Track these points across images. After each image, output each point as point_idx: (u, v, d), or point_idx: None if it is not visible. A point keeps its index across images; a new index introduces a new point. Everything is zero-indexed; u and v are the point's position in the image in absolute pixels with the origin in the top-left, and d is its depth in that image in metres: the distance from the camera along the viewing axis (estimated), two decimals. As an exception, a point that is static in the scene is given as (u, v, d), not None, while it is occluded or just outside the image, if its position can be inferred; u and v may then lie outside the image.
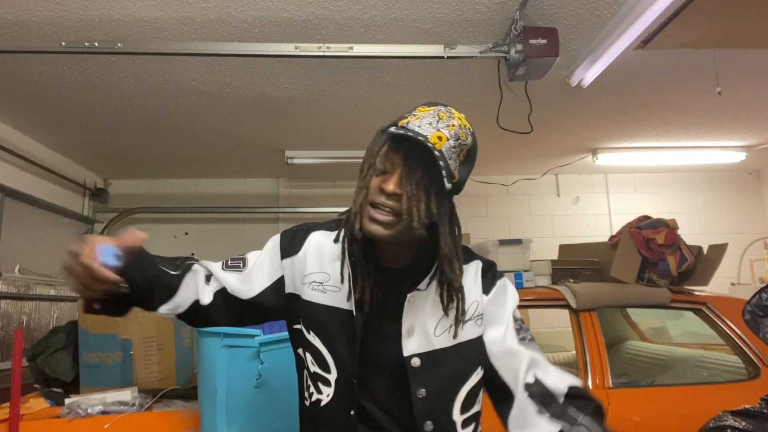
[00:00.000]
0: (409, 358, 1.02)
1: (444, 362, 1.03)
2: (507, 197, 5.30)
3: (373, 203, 1.00)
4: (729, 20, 2.43)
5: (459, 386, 1.04)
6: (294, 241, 1.15)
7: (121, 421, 2.05)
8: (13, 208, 3.66)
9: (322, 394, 1.06)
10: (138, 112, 3.43)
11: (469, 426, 1.05)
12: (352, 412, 1.02)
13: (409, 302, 1.05)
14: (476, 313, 1.08)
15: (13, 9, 2.28)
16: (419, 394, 1.01)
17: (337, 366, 1.04)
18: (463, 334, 1.05)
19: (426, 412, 1.01)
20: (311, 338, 1.08)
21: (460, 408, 1.03)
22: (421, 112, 1.02)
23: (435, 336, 1.04)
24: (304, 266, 1.11)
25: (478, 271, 1.12)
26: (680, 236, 2.66)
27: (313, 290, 1.09)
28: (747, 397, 2.09)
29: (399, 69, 2.91)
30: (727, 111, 3.71)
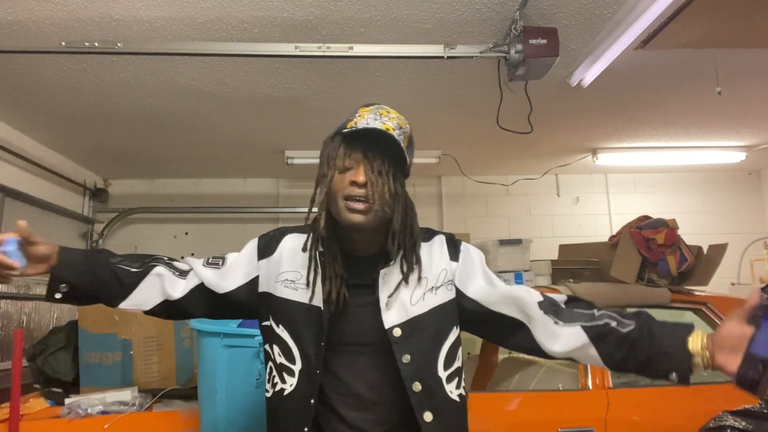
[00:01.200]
0: (391, 329, 1.12)
1: (423, 327, 1.13)
2: (507, 197, 5.30)
3: (346, 197, 1.11)
4: (729, 20, 2.43)
5: (439, 346, 1.14)
6: (270, 243, 1.26)
7: (121, 421, 2.05)
8: (13, 208, 3.66)
9: (285, 384, 1.14)
10: (138, 112, 3.43)
11: (453, 380, 1.14)
12: (312, 401, 1.10)
13: (383, 278, 1.15)
14: (446, 279, 1.19)
15: (13, 9, 2.28)
16: (404, 359, 1.10)
17: (302, 358, 1.13)
18: (436, 299, 1.16)
19: (413, 374, 1.10)
20: (280, 331, 1.16)
21: (443, 365, 1.13)
22: (363, 112, 1.15)
23: (411, 305, 1.14)
24: (278, 266, 1.21)
25: (442, 243, 1.25)
26: (680, 236, 2.66)
27: (285, 287, 1.18)
28: (747, 397, 2.09)
29: (399, 69, 2.91)
30: (727, 111, 3.71)
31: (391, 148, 1.12)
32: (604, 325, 1.12)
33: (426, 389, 1.10)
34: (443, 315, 1.16)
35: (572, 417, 2.14)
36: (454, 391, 1.14)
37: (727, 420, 1.94)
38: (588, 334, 1.12)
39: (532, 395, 2.35)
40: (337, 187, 1.12)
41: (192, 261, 1.27)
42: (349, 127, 1.12)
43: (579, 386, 2.25)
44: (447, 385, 1.13)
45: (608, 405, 2.16)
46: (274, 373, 1.17)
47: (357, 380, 1.13)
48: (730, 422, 1.92)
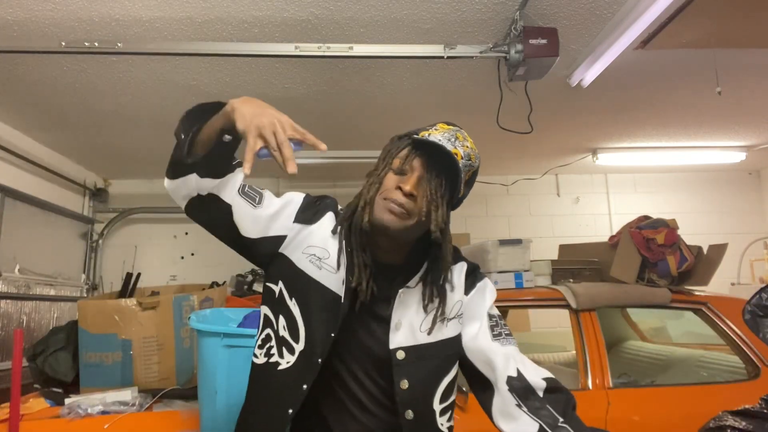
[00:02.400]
0: (395, 350, 1.08)
1: (427, 356, 1.09)
2: (507, 197, 5.30)
3: (386, 198, 1.06)
4: (729, 20, 2.43)
5: (440, 379, 1.11)
6: (311, 211, 1.17)
7: (121, 421, 2.05)
8: (13, 208, 3.66)
9: (282, 359, 1.09)
10: (138, 112, 3.43)
11: (446, 414, 1.12)
12: (305, 386, 1.06)
13: (400, 298, 1.11)
14: (459, 312, 1.15)
15: (13, 9, 2.28)
16: (402, 385, 1.07)
17: (307, 340, 1.08)
18: (446, 332, 1.12)
19: (408, 402, 1.07)
20: (291, 305, 1.11)
21: (440, 398, 1.10)
22: (441, 128, 1.10)
23: (420, 332, 1.10)
24: (309, 238, 1.14)
25: (462, 272, 1.19)
26: (680, 236, 2.66)
27: (309, 262, 1.12)
28: (747, 397, 2.09)
29: (399, 69, 2.91)
30: (727, 111, 3.71)
31: (450, 175, 1.07)
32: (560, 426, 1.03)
33: (418, 419, 1.07)
34: (449, 349, 1.13)
35: (572, 417, 2.13)
36: (444, 424, 1.12)
37: (727, 420, 1.94)
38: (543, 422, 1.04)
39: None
40: (383, 185, 1.08)
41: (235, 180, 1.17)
42: (421, 135, 1.08)
43: (579, 386, 2.25)
44: (439, 417, 1.10)
45: (608, 405, 2.16)
46: (272, 343, 1.11)
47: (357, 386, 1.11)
48: (730, 422, 1.92)
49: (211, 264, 4.91)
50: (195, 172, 1.16)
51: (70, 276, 4.46)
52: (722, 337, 2.43)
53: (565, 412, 1.05)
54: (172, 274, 4.94)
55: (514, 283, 2.58)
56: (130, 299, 2.47)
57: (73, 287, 4.42)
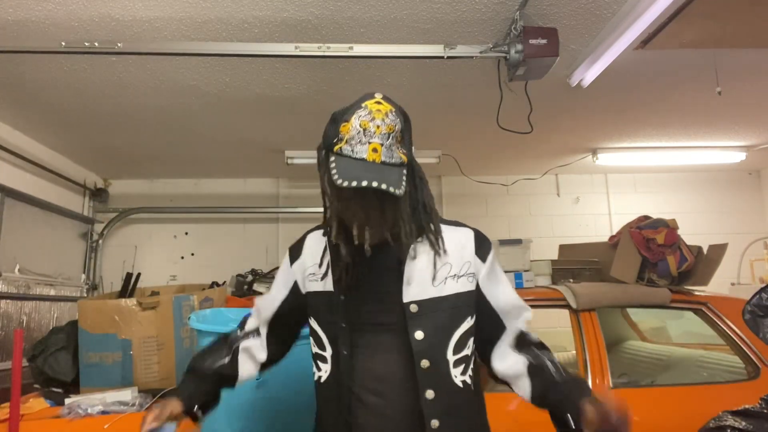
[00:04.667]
0: (408, 304, 1.15)
1: (439, 309, 1.16)
2: (507, 197, 5.30)
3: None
4: (729, 20, 2.43)
5: (452, 330, 1.17)
6: (297, 248, 1.33)
7: (121, 421, 2.05)
8: (13, 208, 3.66)
9: (321, 371, 1.21)
10: (138, 112, 3.43)
11: (459, 365, 1.17)
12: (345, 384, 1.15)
13: (410, 255, 1.18)
14: (469, 271, 1.21)
15: (13, 9, 2.28)
16: (417, 335, 1.14)
17: (330, 343, 1.19)
18: (456, 286, 1.19)
19: (423, 351, 1.13)
20: (312, 323, 1.24)
21: (453, 349, 1.16)
22: (345, 133, 1.11)
23: (432, 286, 1.17)
24: (304, 265, 1.28)
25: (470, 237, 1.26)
26: (680, 236, 2.66)
27: (310, 282, 1.26)
28: (747, 397, 2.09)
29: (399, 69, 2.91)
30: (727, 111, 3.71)
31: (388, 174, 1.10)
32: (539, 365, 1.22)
33: (433, 368, 1.13)
34: (460, 302, 1.19)
35: (572, 417, 2.13)
36: (458, 376, 1.16)
37: (727, 420, 1.94)
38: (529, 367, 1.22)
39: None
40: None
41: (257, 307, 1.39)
42: (336, 150, 1.10)
43: (579, 386, 2.25)
44: (453, 369, 1.15)
45: (608, 405, 2.15)
46: (313, 363, 1.25)
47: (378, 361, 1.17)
48: (730, 422, 1.93)
49: (211, 264, 4.92)
50: None
51: (70, 276, 4.46)
52: (722, 337, 2.43)
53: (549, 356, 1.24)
54: (172, 274, 4.94)
55: (514, 283, 2.58)
56: (130, 299, 2.48)
57: (73, 287, 4.42)
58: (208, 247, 5.05)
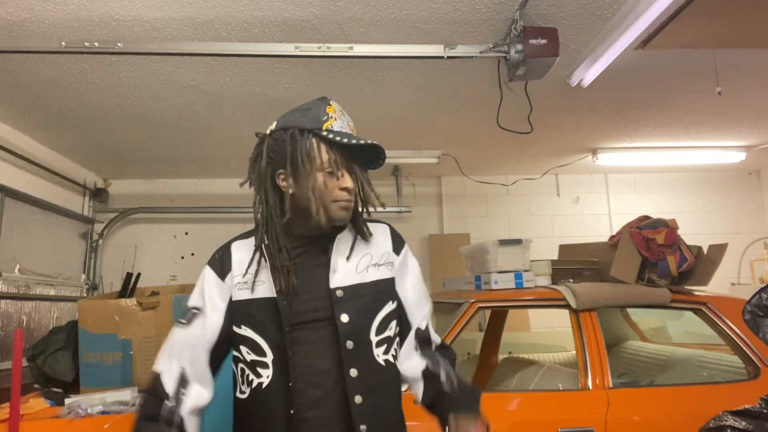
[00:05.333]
0: (335, 289, 1.22)
1: (362, 294, 1.24)
2: (507, 197, 5.30)
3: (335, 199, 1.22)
4: (729, 20, 2.43)
5: (375, 313, 1.25)
6: (222, 261, 1.33)
7: (121, 421, 2.05)
8: (13, 208, 3.66)
9: (262, 377, 1.20)
10: (138, 112, 3.43)
11: (382, 345, 1.25)
12: (290, 384, 1.17)
13: (336, 244, 1.27)
14: (387, 260, 1.32)
15: (13, 9, 2.28)
16: (343, 318, 1.20)
17: (271, 348, 1.20)
18: (377, 273, 1.29)
19: (347, 333, 1.20)
20: (243, 332, 1.23)
21: (375, 331, 1.24)
22: (332, 113, 1.25)
23: (356, 273, 1.26)
24: (234, 275, 1.29)
25: (386, 231, 1.38)
26: (680, 236, 2.66)
27: (239, 290, 1.26)
28: (747, 397, 2.09)
29: (399, 69, 2.91)
30: (727, 111, 3.71)
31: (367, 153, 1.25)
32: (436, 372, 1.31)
33: (356, 348, 1.20)
34: (381, 288, 1.28)
35: (572, 417, 2.14)
36: (381, 355, 1.24)
37: (727, 420, 1.95)
38: (424, 371, 1.32)
39: (532, 395, 2.35)
40: (324, 189, 1.22)
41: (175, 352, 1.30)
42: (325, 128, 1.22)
43: (579, 386, 2.25)
44: (375, 348, 1.23)
45: (608, 405, 2.16)
46: (247, 372, 1.22)
47: (316, 354, 1.20)
48: (730, 422, 1.93)
49: (211, 264, 4.91)
50: None
51: (70, 276, 4.46)
52: (722, 337, 2.43)
53: (449, 361, 1.34)
54: (172, 274, 4.94)
55: (514, 283, 2.58)
56: (130, 299, 2.47)
57: (73, 287, 4.42)
58: (208, 247, 5.02)
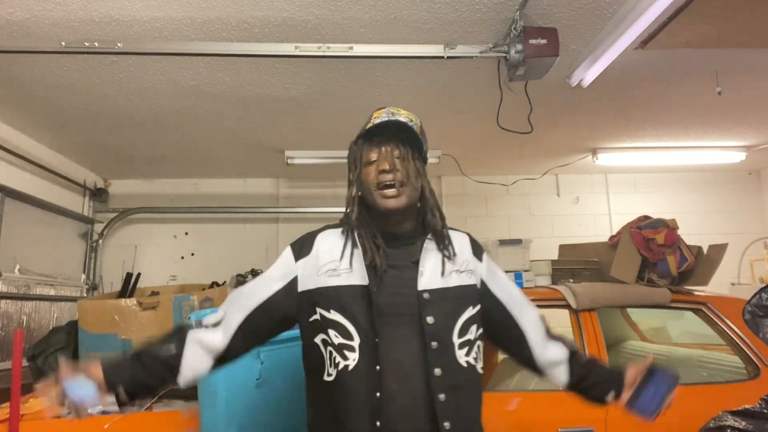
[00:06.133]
0: (422, 292, 1.27)
1: (447, 297, 1.29)
2: (507, 197, 5.30)
3: (378, 185, 1.29)
4: (729, 20, 2.43)
5: (457, 317, 1.30)
6: (304, 245, 1.36)
7: (121, 421, 2.05)
8: (13, 208, 3.66)
9: (348, 360, 1.23)
10: (138, 112, 3.43)
11: (463, 348, 1.29)
12: (377, 367, 1.21)
13: (425, 248, 1.32)
14: (468, 268, 1.37)
15: (13, 9, 2.28)
16: (429, 320, 1.25)
17: (359, 333, 1.24)
18: (459, 279, 1.34)
19: (432, 334, 1.25)
20: (333, 316, 1.26)
21: (458, 333, 1.28)
22: (378, 114, 1.34)
23: (441, 277, 1.31)
24: (317, 261, 1.32)
25: (465, 238, 1.44)
26: (680, 236, 2.66)
27: (329, 277, 1.29)
28: (747, 397, 2.09)
29: (399, 69, 2.91)
30: (727, 111, 3.71)
31: (407, 137, 1.31)
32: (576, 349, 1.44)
33: (440, 348, 1.24)
34: (464, 293, 1.33)
35: (572, 417, 2.13)
36: (462, 357, 1.28)
37: (727, 420, 1.95)
38: (569, 350, 1.42)
39: (532, 395, 2.34)
40: (368, 180, 1.30)
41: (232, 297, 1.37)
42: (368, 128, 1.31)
43: (579, 386, 2.25)
44: (458, 350, 1.27)
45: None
46: (335, 354, 1.25)
47: (402, 347, 1.24)
48: (730, 422, 1.93)
49: (211, 264, 4.92)
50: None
51: (70, 276, 4.46)
52: (722, 337, 2.43)
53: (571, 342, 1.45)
54: (172, 274, 4.94)
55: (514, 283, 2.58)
56: (130, 299, 2.48)
57: (73, 287, 4.42)
58: (208, 247, 5.05)
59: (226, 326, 1.31)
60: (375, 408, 1.19)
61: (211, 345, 1.30)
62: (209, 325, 1.32)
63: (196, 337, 1.30)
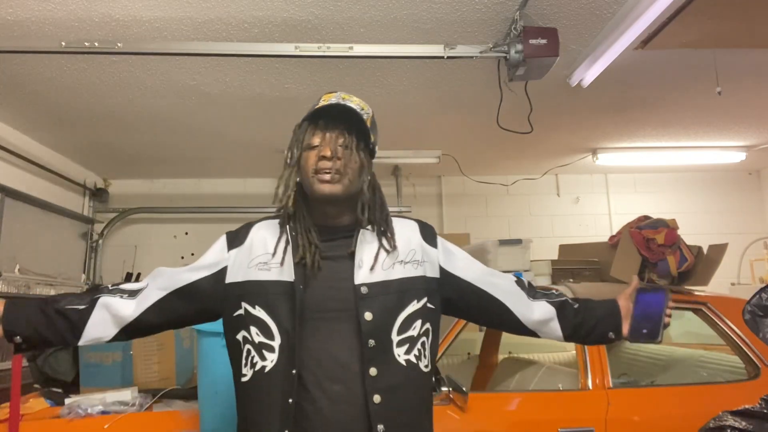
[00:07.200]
0: (359, 286, 1.20)
1: (387, 291, 1.22)
2: (507, 197, 5.30)
3: (316, 171, 1.22)
4: (729, 20, 2.42)
5: (397, 312, 1.22)
6: (238, 235, 1.33)
7: (121, 421, 2.05)
8: (13, 208, 3.66)
9: (266, 361, 1.18)
10: (138, 112, 3.43)
11: (403, 346, 1.22)
12: (293, 371, 1.15)
13: (360, 238, 1.25)
14: (414, 258, 1.29)
15: (13, 9, 2.28)
16: (366, 316, 1.18)
17: (280, 332, 1.18)
18: (403, 271, 1.26)
19: (370, 331, 1.18)
20: (256, 312, 1.21)
21: (397, 330, 1.21)
22: (327, 97, 1.30)
23: (382, 270, 1.24)
24: (250, 253, 1.27)
25: (414, 227, 1.36)
26: (680, 236, 2.66)
27: (259, 270, 1.24)
28: (747, 397, 2.09)
29: (399, 69, 2.91)
30: (727, 111, 3.71)
31: (353, 125, 1.25)
32: (564, 300, 1.39)
33: (377, 347, 1.18)
34: (407, 287, 1.25)
35: (572, 417, 2.14)
36: (401, 355, 1.21)
37: (727, 420, 1.95)
38: (554, 306, 1.37)
39: (532, 395, 2.35)
40: (307, 164, 1.24)
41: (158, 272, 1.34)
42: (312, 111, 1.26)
43: (579, 386, 2.25)
44: (396, 348, 1.20)
45: (608, 405, 2.16)
46: (253, 353, 1.19)
47: (334, 347, 1.18)
48: (730, 422, 1.93)
49: (211, 264, 4.91)
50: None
51: (70, 276, 4.45)
52: (722, 337, 2.43)
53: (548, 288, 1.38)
54: (172, 274, 4.94)
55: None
56: (130, 299, 2.47)
57: (73, 287, 4.42)
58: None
59: (141, 299, 1.27)
60: (287, 414, 1.13)
61: (119, 313, 1.25)
62: (124, 293, 1.28)
63: (106, 301, 1.26)
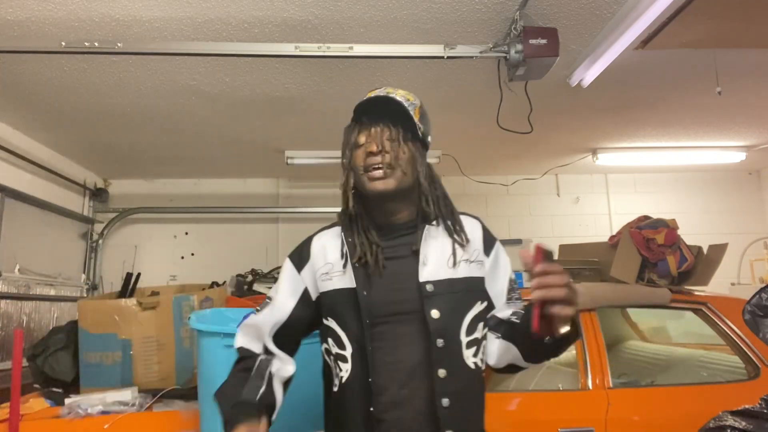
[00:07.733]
0: (424, 283, 1.16)
1: (454, 290, 1.17)
2: (507, 197, 5.30)
3: (365, 168, 1.19)
4: (729, 20, 2.43)
5: (465, 312, 1.18)
6: (302, 253, 1.29)
7: (121, 421, 2.05)
8: (13, 208, 3.66)
9: (343, 371, 1.16)
10: (138, 112, 3.43)
11: (471, 347, 1.18)
12: (369, 379, 1.12)
13: (425, 234, 1.21)
14: (477, 258, 1.25)
15: (13, 9, 2.28)
16: (433, 314, 1.14)
17: (350, 341, 1.16)
18: (469, 270, 1.21)
19: (438, 330, 1.13)
20: (329, 323, 1.20)
21: (466, 331, 1.17)
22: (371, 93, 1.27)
23: (448, 267, 1.19)
24: (314, 266, 1.25)
25: (478, 226, 1.31)
26: (680, 236, 2.66)
27: (323, 281, 1.22)
28: (747, 397, 2.09)
29: (399, 69, 2.91)
30: (727, 111, 3.71)
31: (399, 118, 1.21)
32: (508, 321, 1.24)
33: (447, 347, 1.13)
34: (472, 286, 1.21)
35: (572, 417, 2.14)
36: (470, 358, 1.17)
37: (727, 420, 1.95)
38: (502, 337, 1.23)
39: (532, 395, 2.34)
40: (357, 163, 1.21)
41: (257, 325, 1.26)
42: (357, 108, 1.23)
43: (579, 386, 2.25)
44: (465, 350, 1.16)
45: (608, 405, 2.16)
46: (333, 365, 1.19)
47: (402, 350, 1.14)
48: (730, 422, 1.93)
49: (211, 264, 4.92)
50: None
51: (70, 276, 4.46)
52: (722, 337, 2.43)
53: None
54: (172, 274, 4.94)
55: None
56: (130, 299, 2.47)
57: (73, 287, 4.42)
58: (208, 247, 5.05)
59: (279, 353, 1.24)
60: (370, 424, 1.11)
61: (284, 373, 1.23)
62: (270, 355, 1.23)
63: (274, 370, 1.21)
